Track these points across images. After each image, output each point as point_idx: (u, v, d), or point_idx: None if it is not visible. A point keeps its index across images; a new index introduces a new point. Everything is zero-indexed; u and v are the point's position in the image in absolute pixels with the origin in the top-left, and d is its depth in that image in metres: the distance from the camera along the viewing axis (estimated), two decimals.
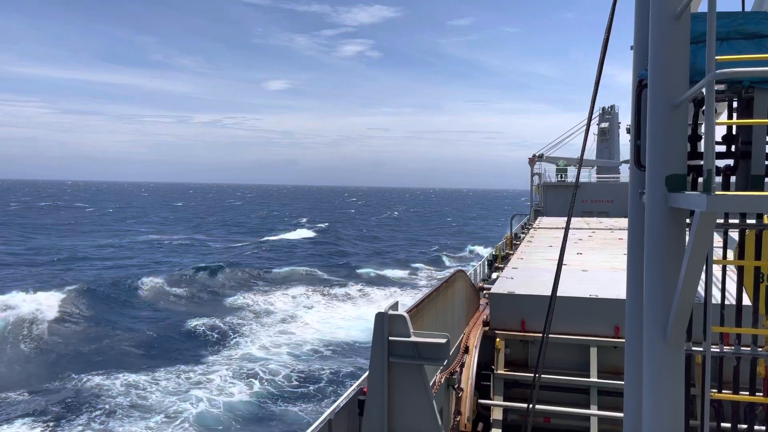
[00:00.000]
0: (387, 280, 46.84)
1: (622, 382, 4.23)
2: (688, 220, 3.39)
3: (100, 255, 57.98)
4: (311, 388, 23.06)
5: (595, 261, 13.07)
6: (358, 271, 50.37)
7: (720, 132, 3.87)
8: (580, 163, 6.36)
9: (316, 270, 48.97)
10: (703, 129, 2.99)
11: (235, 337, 29.25)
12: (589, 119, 6.12)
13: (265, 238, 76.09)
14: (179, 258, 55.49)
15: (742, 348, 4.20)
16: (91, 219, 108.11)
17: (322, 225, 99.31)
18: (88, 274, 45.57)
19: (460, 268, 12.60)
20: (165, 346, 27.80)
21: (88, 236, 76.25)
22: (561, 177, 42.65)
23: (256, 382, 23.13)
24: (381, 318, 6.32)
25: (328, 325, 31.70)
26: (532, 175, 42.90)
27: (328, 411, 7.05)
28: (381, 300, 36.84)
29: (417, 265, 54.78)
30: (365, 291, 41.12)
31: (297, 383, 23.40)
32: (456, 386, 8.77)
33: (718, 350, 4.16)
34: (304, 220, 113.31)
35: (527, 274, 11.62)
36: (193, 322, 31.38)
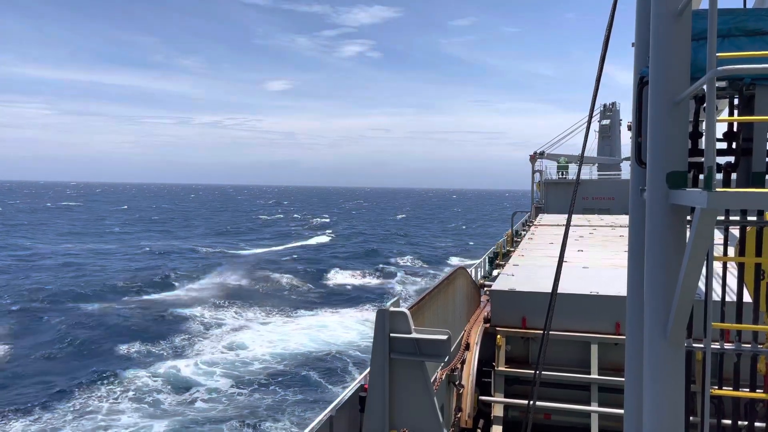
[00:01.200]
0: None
1: (623, 379, 4.24)
2: (689, 217, 3.39)
3: (56, 261, 54.73)
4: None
5: (596, 258, 13.07)
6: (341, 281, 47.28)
7: (721, 129, 3.88)
8: (581, 160, 6.35)
9: (296, 281, 45.78)
10: (704, 126, 2.99)
11: (170, 358, 26.45)
12: (590, 116, 6.12)
13: (250, 246, 72.11)
14: (145, 266, 52.49)
15: (742, 345, 4.21)
16: (75, 221, 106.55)
17: (320, 231, 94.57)
18: (26, 282, 42.70)
19: (461, 265, 12.61)
20: (90, 373, 24.49)
21: (62, 238, 74.55)
22: (562, 174, 42.70)
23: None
24: (382, 314, 6.34)
25: (282, 341, 29.43)
26: (533, 172, 42.93)
27: (330, 407, 7.07)
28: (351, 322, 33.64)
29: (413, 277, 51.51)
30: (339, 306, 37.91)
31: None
32: (457, 383, 8.79)
33: (718, 347, 4.17)
34: (297, 226, 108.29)
35: (528, 271, 11.63)
36: (129, 343, 28.50)
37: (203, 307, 36.36)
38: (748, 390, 4.33)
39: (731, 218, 4.14)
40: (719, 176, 3.71)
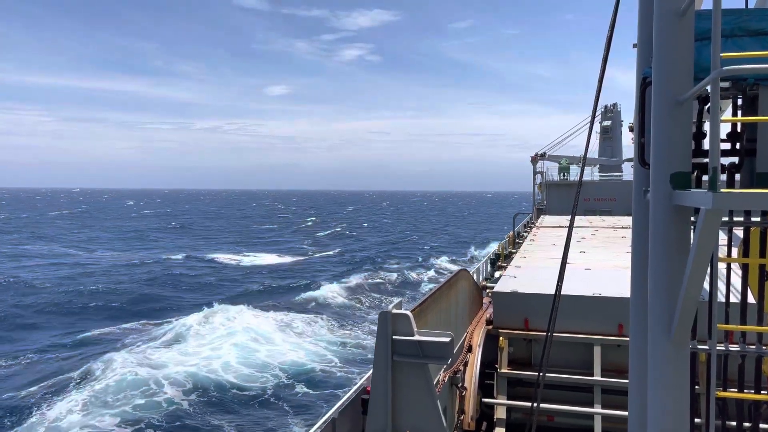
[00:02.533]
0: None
1: (626, 381, 4.22)
2: (693, 218, 3.38)
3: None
4: None
5: (598, 259, 13.05)
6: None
7: (724, 129, 3.87)
8: (584, 161, 6.32)
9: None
10: (707, 126, 2.98)
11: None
12: (593, 117, 6.10)
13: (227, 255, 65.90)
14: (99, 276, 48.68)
15: (747, 346, 4.19)
16: (52, 225, 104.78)
17: (310, 239, 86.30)
18: None
19: (463, 267, 12.58)
20: None
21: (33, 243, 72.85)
22: (563, 175, 42.72)
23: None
24: (384, 317, 6.33)
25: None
26: (535, 173, 42.99)
27: (332, 410, 7.06)
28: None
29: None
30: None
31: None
32: (459, 385, 8.77)
33: (723, 348, 4.15)
34: (287, 233, 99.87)
35: (530, 272, 11.61)
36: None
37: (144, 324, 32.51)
38: (752, 391, 4.32)
39: (735, 219, 4.13)
40: (723, 177, 3.70)
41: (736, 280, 4.58)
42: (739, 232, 4.32)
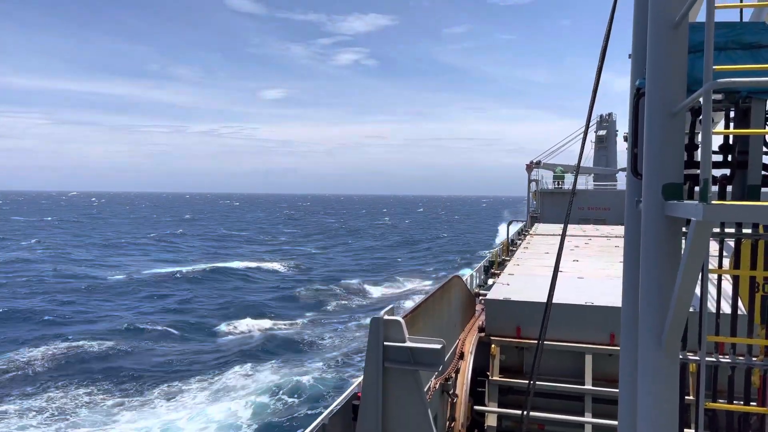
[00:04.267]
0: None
1: (617, 390, 4.22)
2: (684, 229, 3.39)
3: None
4: None
5: (591, 268, 13.07)
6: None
7: (717, 141, 3.88)
8: (577, 170, 6.36)
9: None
10: (700, 138, 2.99)
11: None
12: (587, 127, 6.13)
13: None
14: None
15: (737, 357, 4.20)
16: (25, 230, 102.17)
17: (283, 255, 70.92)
18: None
19: (456, 273, 12.56)
20: None
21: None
22: (558, 184, 42.85)
23: None
24: (376, 323, 6.31)
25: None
26: (530, 181, 43.14)
27: (323, 415, 7.03)
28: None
29: None
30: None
31: None
32: (451, 392, 8.76)
33: (713, 359, 4.16)
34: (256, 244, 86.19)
35: (523, 280, 11.61)
36: None
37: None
38: (742, 403, 4.32)
39: (726, 230, 4.15)
40: (715, 189, 3.72)
41: (728, 290, 4.60)
42: (731, 243, 4.35)
